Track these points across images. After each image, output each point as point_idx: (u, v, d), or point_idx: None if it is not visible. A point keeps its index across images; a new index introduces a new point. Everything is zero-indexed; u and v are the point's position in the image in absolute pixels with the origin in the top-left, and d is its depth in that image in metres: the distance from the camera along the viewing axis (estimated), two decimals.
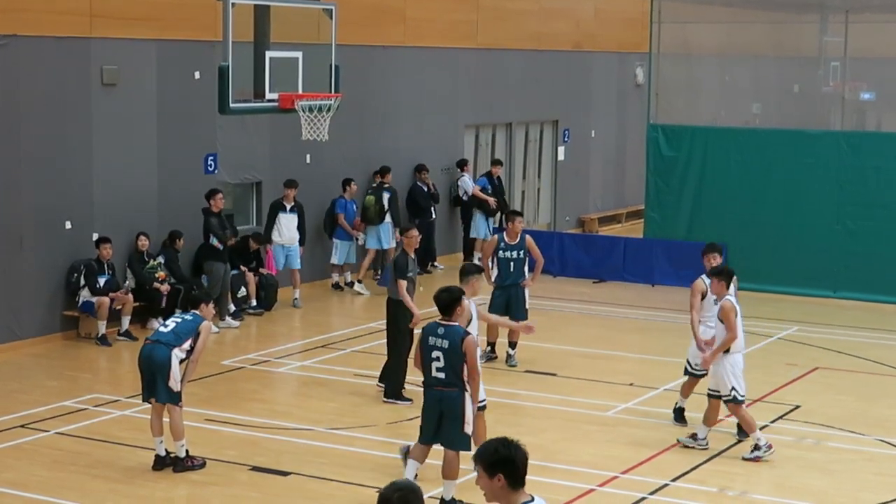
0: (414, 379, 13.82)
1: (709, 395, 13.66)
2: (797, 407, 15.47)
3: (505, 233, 17.34)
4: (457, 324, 11.65)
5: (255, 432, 14.08)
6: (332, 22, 17.30)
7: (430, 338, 11.60)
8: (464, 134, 26.79)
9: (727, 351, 13.40)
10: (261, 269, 20.65)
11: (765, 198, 23.34)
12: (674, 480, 12.67)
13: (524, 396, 15.65)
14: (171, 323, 12.92)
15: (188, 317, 12.96)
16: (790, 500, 12.31)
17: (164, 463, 12.79)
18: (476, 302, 13.27)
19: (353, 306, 21.70)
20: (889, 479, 12.97)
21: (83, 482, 12.42)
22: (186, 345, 12.63)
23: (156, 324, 19.01)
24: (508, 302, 16.96)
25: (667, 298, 22.11)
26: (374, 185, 22.88)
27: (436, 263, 24.79)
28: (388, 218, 22.53)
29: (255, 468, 12.80)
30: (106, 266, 18.51)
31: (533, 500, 5.99)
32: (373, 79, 23.70)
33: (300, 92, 17.26)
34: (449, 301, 11.62)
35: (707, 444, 13.64)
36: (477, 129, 27.44)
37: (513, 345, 17.16)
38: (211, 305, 13.31)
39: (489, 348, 17.30)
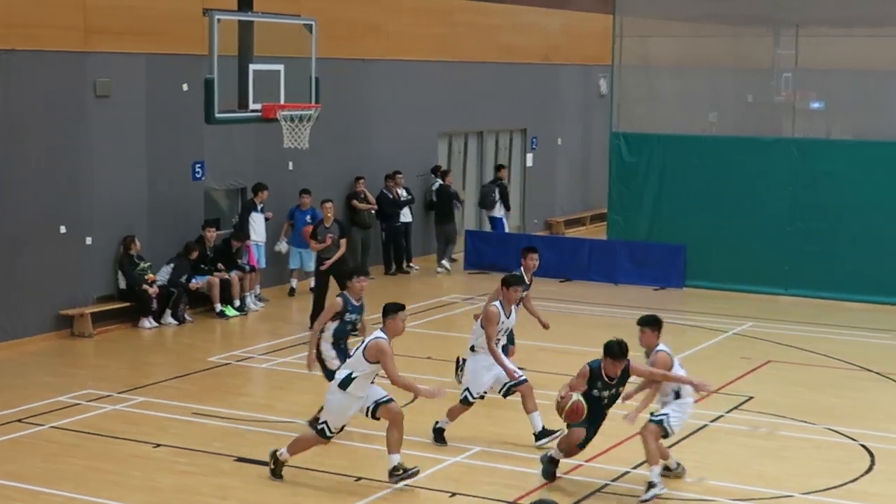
0: None
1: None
2: (751, 398, 15.50)
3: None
4: None
5: (240, 425, 14.03)
6: (313, 36, 17.28)
7: None
8: (438, 141, 26.80)
9: (679, 396, 12.13)
10: (241, 263, 20.64)
11: (721, 201, 23.41)
12: (634, 468, 12.65)
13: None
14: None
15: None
16: (745, 485, 12.32)
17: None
18: None
19: None
20: (837, 465, 13.01)
21: (78, 474, 12.34)
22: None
23: (146, 323, 18.98)
24: None
25: (629, 296, 22.16)
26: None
27: (412, 264, 24.82)
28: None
29: (239, 459, 12.76)
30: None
31: None
32: (352, 90, 23.67)
33: (282, 102, 17.24)
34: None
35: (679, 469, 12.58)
36: (450, 137, 27.44)
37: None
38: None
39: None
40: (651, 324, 12.23)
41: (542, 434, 13.26)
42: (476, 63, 27.39)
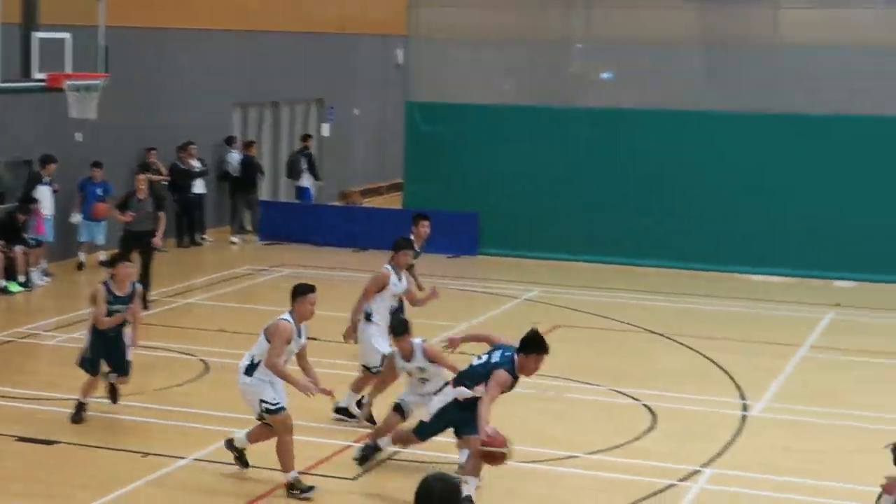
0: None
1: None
2: None
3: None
4: None
5: (25, 404, 13.61)
6: (101, 4, 16.88)
7: None
8: (232, 112, 26.46)
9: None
10: (27, 237, 19.94)
11: (515, 169, 23.82)
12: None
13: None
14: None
15: None
16: (533, 447, 12.46)
17: None
18: None
19: None
20: (621, 425, 13.39)
21: None
22: None
23: None
24: None
25: (424, 264, 22.24)
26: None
27: (204, 236, 24.51)
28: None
29: (21, 438, 12.37)
30: None
31: None
32: (145, 59, 23.20)
33: (68, 72, 16.75)
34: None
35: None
36: (245, 108, 27.12)
37: None
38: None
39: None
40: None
41: (343, 412, 13.15)
42: (272, 32, 27.11)
